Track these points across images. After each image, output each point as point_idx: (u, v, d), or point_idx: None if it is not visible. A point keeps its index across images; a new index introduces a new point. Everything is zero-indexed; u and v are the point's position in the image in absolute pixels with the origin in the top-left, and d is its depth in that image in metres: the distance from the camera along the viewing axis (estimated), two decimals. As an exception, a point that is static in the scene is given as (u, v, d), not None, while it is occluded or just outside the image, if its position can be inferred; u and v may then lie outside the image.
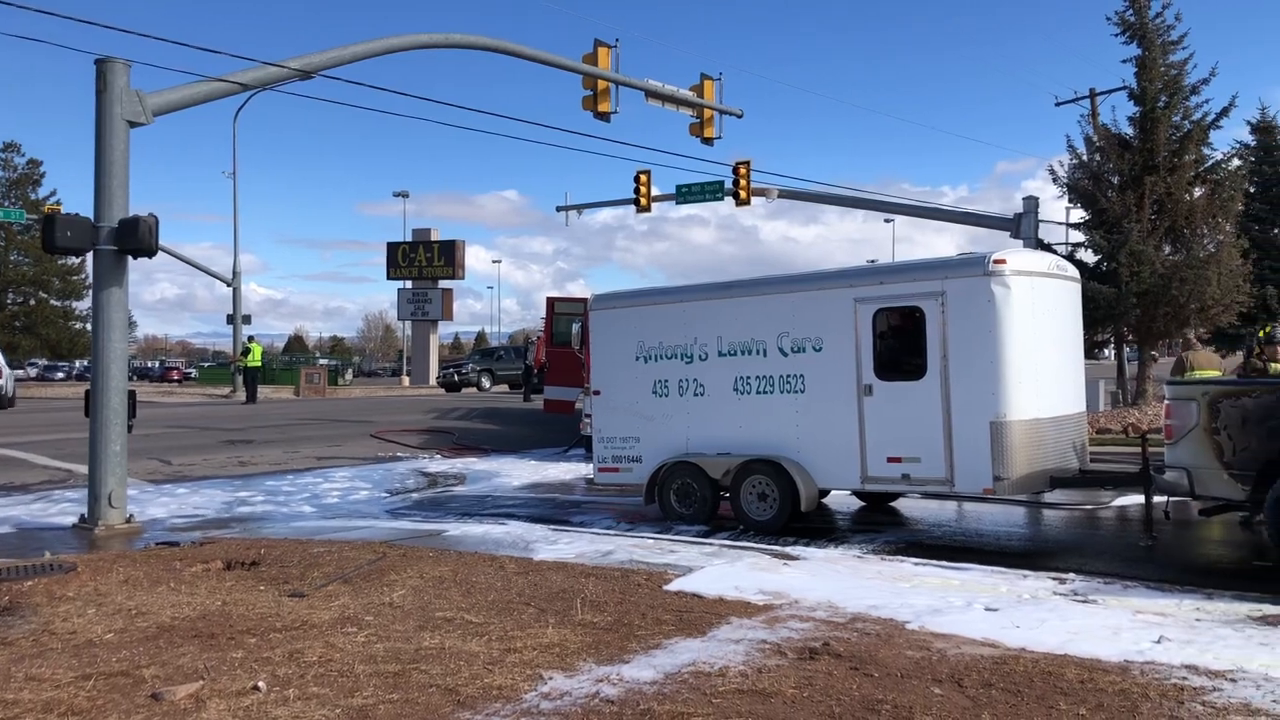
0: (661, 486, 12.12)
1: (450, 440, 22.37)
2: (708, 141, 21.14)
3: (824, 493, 11.86)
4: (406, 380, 54.45)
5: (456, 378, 43.38)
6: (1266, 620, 6.84)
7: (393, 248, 53.67)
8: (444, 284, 52.90)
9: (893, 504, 13.02)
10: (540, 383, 25.68)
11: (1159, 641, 6.30)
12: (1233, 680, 5.50)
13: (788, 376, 11.39)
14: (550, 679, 5.71)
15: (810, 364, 11.22)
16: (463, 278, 53.13)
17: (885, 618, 7.06)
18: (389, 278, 53.89)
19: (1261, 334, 11.63)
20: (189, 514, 13.24)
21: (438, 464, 19.13)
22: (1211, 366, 13.57)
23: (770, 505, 11.28)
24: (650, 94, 19.49)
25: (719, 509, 11.86)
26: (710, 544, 10.36)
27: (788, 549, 9.90)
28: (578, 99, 18.68)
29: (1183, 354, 13.80)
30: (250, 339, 37.52)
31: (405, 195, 65.40)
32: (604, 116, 18.75)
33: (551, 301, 23.13)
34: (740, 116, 21.54)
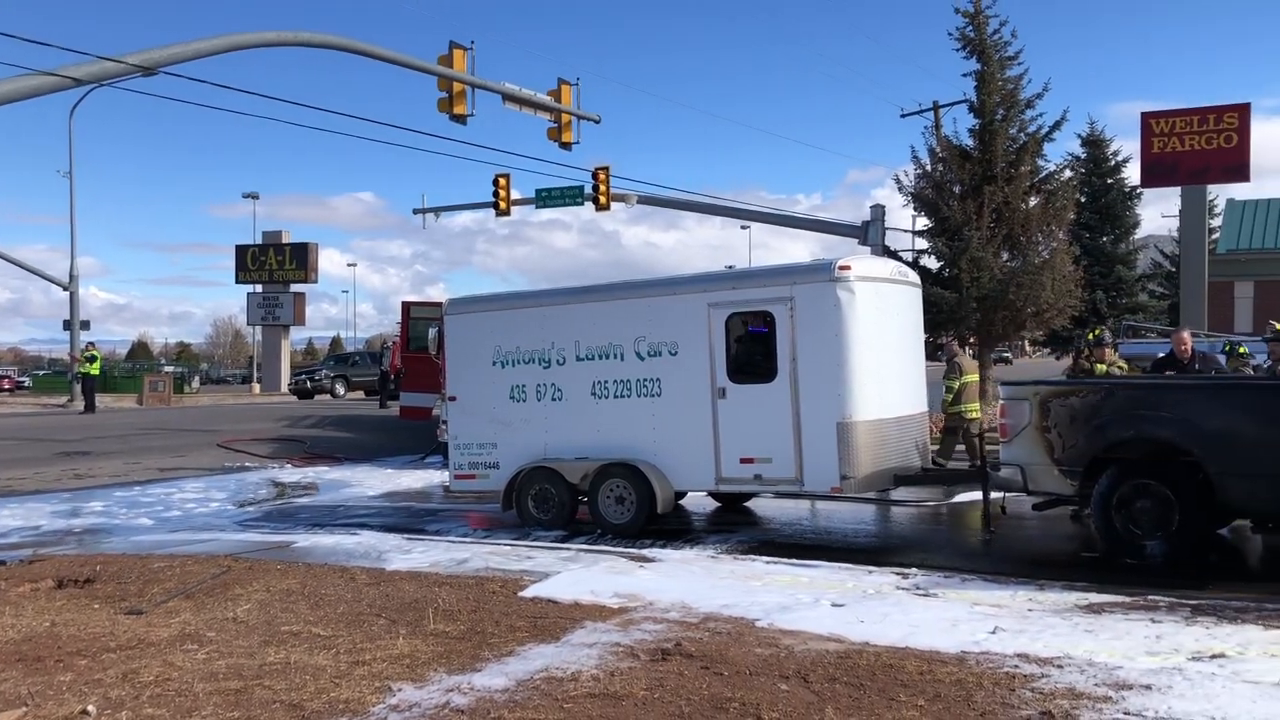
0: (519, 492, 12.04)
1: (302, 449, 21.75)
2: (566, 146, 21.18)
3: (680, 495, 11.99)
4: (257, 387, 52.68)
5: (309, 384, 42.17)
6: (1092, 609, 7.22)
7: (242, 250, 51.88)
8: (296, 288, 51.40)
9: (747, 504, 13.25)
10: (396, 389, 25.22)
11: (994, 632, 6.59)
12: (1060, 666, 5.80)
13: (644, 380, 11.47)
14: (399, 690, 5.62)
15: (666, 368, 11.33)
16: (316, 281, 51.77)
17: (736, 616, 7.18)
18: (238, 281, 52.08)
19: (1090, 336, 12.29)
20: (18, 530, 12.50)
21: (288, 474, 18.57)
22: (974, 371, 14.97)
23: (628, 508, 11.34)
24: (507, 97, 19.40)
25: (577, 514, 11.87)
26: (568, 549, 10.35)
27: (644, 551, 9.97)
28: (435, 101, 18.44)
29: (952, 359, 14.65)
30: (89, 345, 35.68)
31: (255, 197, 62.99)
32: (460, 119, 18.56)
33: (407, 306, 22.76)
34: (598, 122, 21.64)
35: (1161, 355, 11.60)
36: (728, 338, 11.07)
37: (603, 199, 28.53)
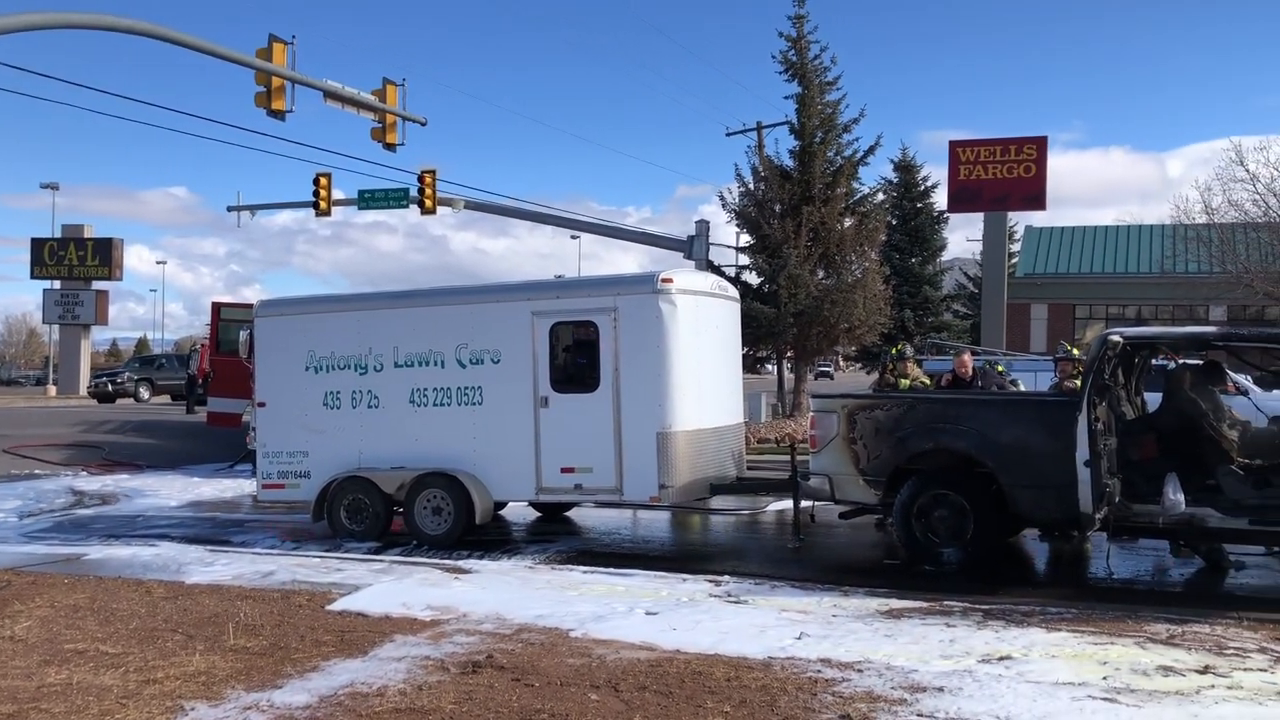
0: (331, 503, 11.67)
1: (100, 455, 20.48)
2: (390, 147, 20.71)
3: (500, 505, 11.88)
4: (53, 390, 49.36)
5: (111, 387, 39.78)
6: (892, 614, 7.52)
7: (38, 244, 48.50)
8: (99, 285, 48.45)
9: (568, 514, 13.24)
10: (204, 394, 24.06)
11: (800, 638, 6.78)
12: (860, 670, 6.01)
13: (465, 388, 11.32)
14: (192, 710, 5.34)
15: (488, 376, 11.21)
16: (120, 279, 48.91)
17: (550, 627, 7.15)
18: (34, 277, 48.62)
19: (894, 351, 12.82)
20: None
21: (84, 482, 17.43)
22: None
23: (445, 519, 11.15)
24: (329, 95, 18.81)
25: (392, 525, 11.59)
26: (381, 560, 10.09)
27: (460, 563, 9.82)
28: (253, 95, 17.72)
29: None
30: None
31: (55, 188, 58.93)
32: (279, 115, 17.88)
33: (217, 307, 21.76)
34: (424, 124, 21.26)
35: (946, 375, 12.20)
36: (551, 347, 11.05)
37: (428, 202, 28.04)
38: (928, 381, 12.45)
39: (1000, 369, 12.50)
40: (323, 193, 28.46)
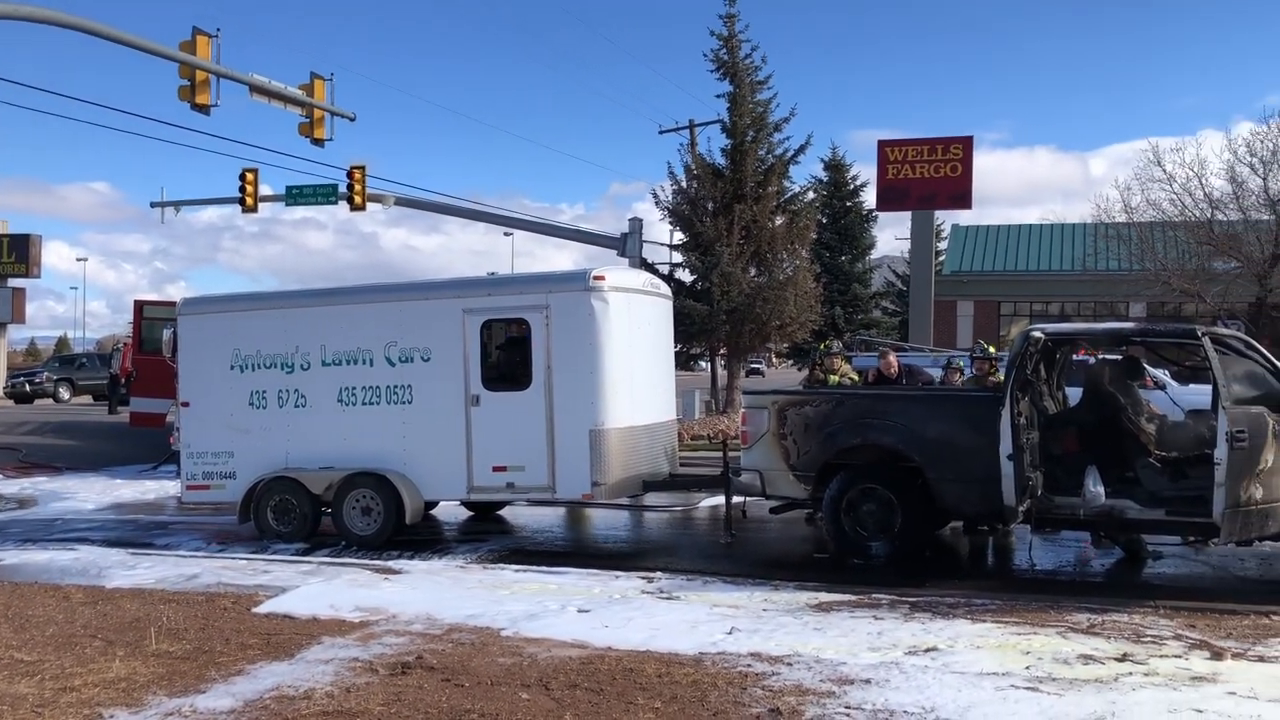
0: (258, 504, 11.46)
1: (16, 457, 19.89)
2: (319, 143, 20.42)
3: (431, 504, 11.78)
4: (-34, 390, 47.82)
5: (29, 387, 38.65)
6: (821, 607, 7.60)
7: (-50, 240, 46.97)
8: (15, 282, 46.93)
9: (500, 512, 13.17)
10: (127, 394, 23.49)
11: (730, 633, 6.83)
12: (789, 664, 6.07)
13: (395, 387, 11.20)
14: (111, 717, 5.21)
15: (418, 374, 11.11)
16: (38, 276, 47.39)
17: (482, 626, 7.11)
18: (-55, 274, 47.09)
19: (822, 348, 12.96)
20: None
21: (-1, 485, 16.93)
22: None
23: (374, 519, 11.02)
24: (255, 89, 18.47)
25: (320, 525, 11.42)
26: (309, 562, 9.95)
27: (390, 563, 9.71)
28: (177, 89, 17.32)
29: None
30: None
31: (-33, 181, 57.49)
32: (203, 109, 17.50)
33: (140, 305, 21.26)
34: (353, 119, 21.00)
35: (872, 371, 12.36)
36: (483, 345, 10.98)
37: (358, 199, 27.65)
38: (855, 377, 12.60)
39: (959, 364, 12.67)
40: (249, 189, 27.92)
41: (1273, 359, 8.35)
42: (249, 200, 28.11)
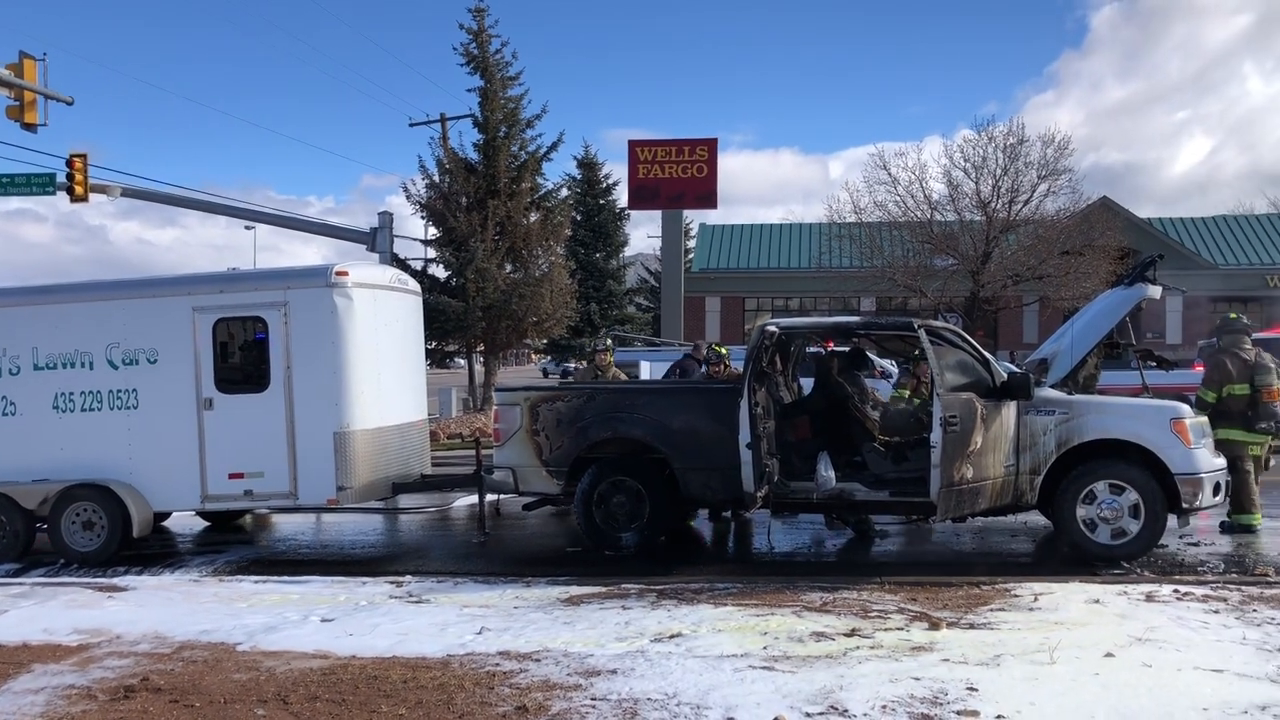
0: (-40, 522, 10.39)
1: None
2: (30, 127, 18.84)
3: (163, 516, 11.08)
4: None
5: None
6: (572, 601, 7.66)
7: None
8: None
9: (239, 521, 12.53)
10: None
11: (480, 633, 6.77)
12: (538, 660, 6.08)
13: (119, 391, 10.43)
14: None
15: (145, 377, 10.39)
16: None
17: (216, 642, 6.74)
18: None
19: (596, 344, 13.08)
20: None
21: None
22: None
23: (98, 534, 10.22)
24: (-48, 66, 16.77)
25: (35, 542, 10.49)
26: (20, 584, 9.11)
27: (115, 580, 9.05)
28: None
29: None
30: None
31: None
32: (-113, 86, 15.73)
33: None
34: (70, 103, 19.50)
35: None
36: (216, 345, 10.39)
37: (79, 189, 25.53)
38: (624, 375, 12.84)
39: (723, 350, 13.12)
40: (-54, 176, 25.29)
41: (981, 349, 9.10)
42: (-54, 189, 25.48)
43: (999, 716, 4.88)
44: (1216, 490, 8.69)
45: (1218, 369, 9.83)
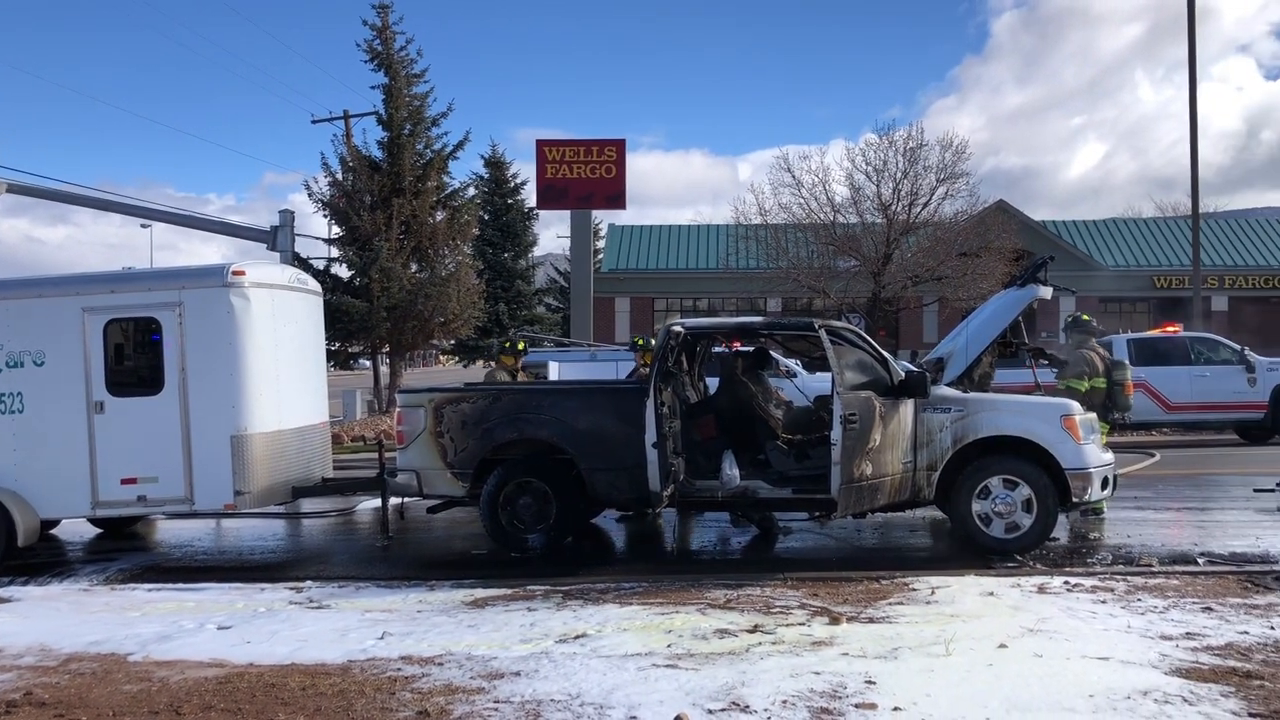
0: None
1: None
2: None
3: (52, 523, 10.68)
4: None
5: None
6: (477, 604, 7.61)
7: None
8: None
9: (134, 528, 12.15)
10: None
11: (382, 638, 6.67)
12: (441, 664, 6.02)
13: (3, 395, 10.04)
14: None
15: (31, 380, 10.02)
16: None
17: (106, 653, 6.53)
18: None
19: (506, 345, 12.92)
20: None
21: None
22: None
23: (-21, 543, 9.82)
24: None
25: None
26: (-105, 597, 8.70)
27: (-2, 591, 8.70)
28: None
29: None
30: None
31: None
32: None
33: None
34: (-50, 95, 18.59)
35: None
36: (108, 346, 10.06)
37: (-40, 185, 24.57)
38: (524, 375, 12.73)
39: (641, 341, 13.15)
40: None
41: (880, 348, 9.28)
42: None
43: (896, 708, 4.98)
44: (1105, 484, 9.02)
45: (1088, 363, 10.66)
